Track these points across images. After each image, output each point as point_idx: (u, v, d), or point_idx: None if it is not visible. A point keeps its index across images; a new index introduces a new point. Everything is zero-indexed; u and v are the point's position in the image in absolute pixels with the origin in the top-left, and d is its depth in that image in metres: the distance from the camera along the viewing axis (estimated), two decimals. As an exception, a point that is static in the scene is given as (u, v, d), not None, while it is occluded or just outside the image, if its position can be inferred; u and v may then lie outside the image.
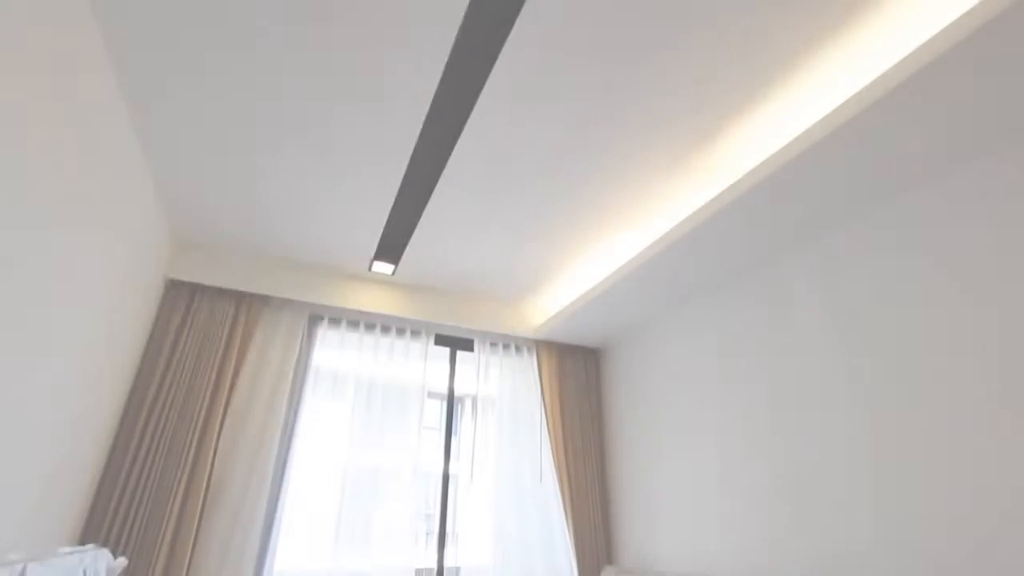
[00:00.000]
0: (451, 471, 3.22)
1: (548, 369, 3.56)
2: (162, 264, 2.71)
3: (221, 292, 2.87)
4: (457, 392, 3.46)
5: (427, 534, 3.21)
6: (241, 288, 2.88)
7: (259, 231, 2.75)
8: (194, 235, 2.80)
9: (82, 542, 2.24)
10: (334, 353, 3.11)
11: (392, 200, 2.46)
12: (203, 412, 2.57)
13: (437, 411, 3.78)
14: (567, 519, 3.15)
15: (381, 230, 2.70)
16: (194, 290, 2.83)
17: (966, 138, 1.75)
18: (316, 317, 3.16)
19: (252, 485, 2.63)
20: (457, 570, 3.05)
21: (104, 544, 2.22)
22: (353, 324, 3.22)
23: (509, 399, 3.47)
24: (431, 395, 3.32)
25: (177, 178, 2.34)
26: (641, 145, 2.10)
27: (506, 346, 3.59)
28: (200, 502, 2.45)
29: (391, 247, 2.86)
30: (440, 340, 3.44)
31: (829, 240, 2.29)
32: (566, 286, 3.33)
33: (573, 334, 3.55)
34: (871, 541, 1.89)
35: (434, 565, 3.00)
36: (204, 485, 2.48)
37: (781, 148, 1.93)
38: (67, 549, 1.58)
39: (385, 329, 3.28)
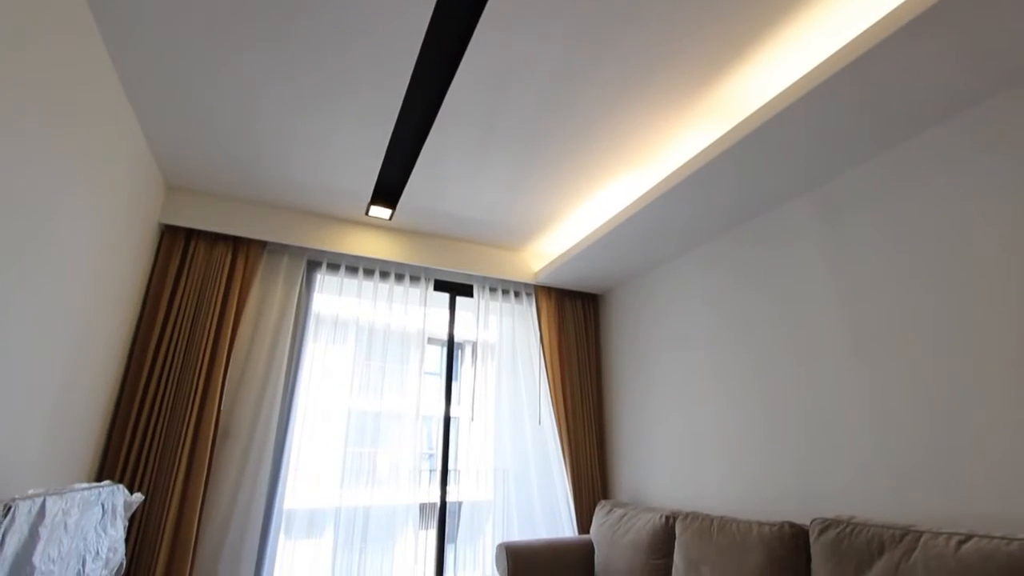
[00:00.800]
0: (452, 414, 3.31)
1: (547, 314, 3.59)
2: (156, 208, 2.66)
3: (217, 237, 2.84)
4: (457, 338, 3.50)
5: (430, 471, 3.34)
6: (237, 233, 2.84)
7: (252, 175, 2.68)
8: (187, 179, 2.73)
9: (98, 480, 2.32)
10: (334, 299, 3.12)
11: (387, 142, 2.38)
12: (207, 355, 2.61)
13: (437, 357, 3.84)
14: (564, 458, 3.28)
15: (377, 174, 2.64)
16: (190, 235, 2.80)
17: (978, 78, 1.68)
18: (314, 263, 3.15)
19: (259, 427, 2.71)
20: (459, 505, 3.19)
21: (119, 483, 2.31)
22: (352, 270, 3.21)
23: (508, 344, 3.52)
24: (431, 341, 3.36)
25: (164, 120, 2.25)
26: (643, 85, 2.02)
27: (505, 291, 3.60)
28: (210, 443, 2.52)
29: (388, 191, 2.80)
30: (439, 286, 3.45)
31: (834, 184, 2.25)
32: (565, 232, 3.30)
33: (572, 280, 3.56)
34: (862, 485, 1.97)
35: (437, 500, 3.14)
36: (212, 427, 2.54)
37: (787, 88, 1.86)
38: (83, 485, 1.63)
39: (384, 274, 3.27)
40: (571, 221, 3.16)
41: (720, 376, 2.67)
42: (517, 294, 3.64)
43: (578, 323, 3.69)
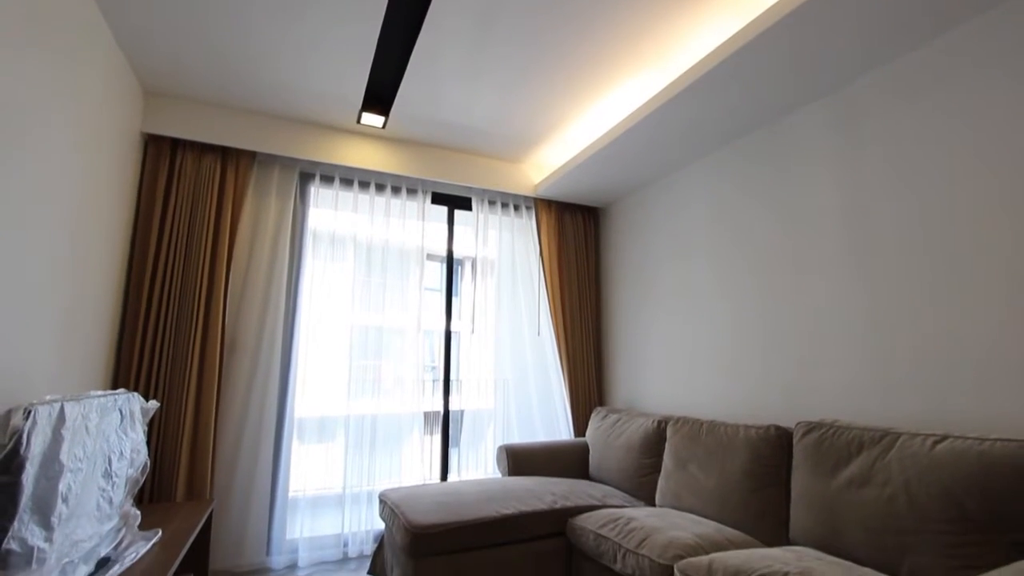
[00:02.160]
0: (452, 329, 3.37)
1: (547, 228, 3.55)
2: (135, 116, 2.52)
3: (205, 148, 2.73)
4: (456, 254, 3.48)
5: (433, 381, 3.48)
6: (225, 143, 2.73)
7: (236, 79, 2.51)
8: (165, 84, 2.56)
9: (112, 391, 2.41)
10: (329, 213, 3.06)
11: (375, 40, 2.20)
12: (206, 269, 2.61)
13: (437, 273, 3.85)
14: (562, 368, 3.39)
15: (367, 77, 2.47)
16: (176, 146, 2.68)
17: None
18: (307, 175, 3.05)
19: (264, 341, 2.77)
20: (461, 413, 3.35)
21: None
22: (346, 182, 3.12)
23: (508, 258, 3.52)
24: (430, 257, 3.34)
25: (132, 16, 2.06)
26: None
27: (504, 204, 3.53)
28: (218, 355, 2.59)
29: (379, 97, 2.65)
30: (437, 199, 3.37)
31: (847, 92, 2.12)
32: (566, 142, 3.17)
33: (573, 192, 3.48)
34: (851, 393, 2.05)
35: (440, 409, 3.29)
36: (219, 340, 2.60)
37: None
38: (99, 392, 1.69)
39: (380, 187, 3.19)
40: (572, 131, 3.02)
41: (717, 287, 2.70)
42: (517, 207, 3.58)
43: (578, 236, 3.66)
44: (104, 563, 1.51)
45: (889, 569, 1.54)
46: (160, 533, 1.82)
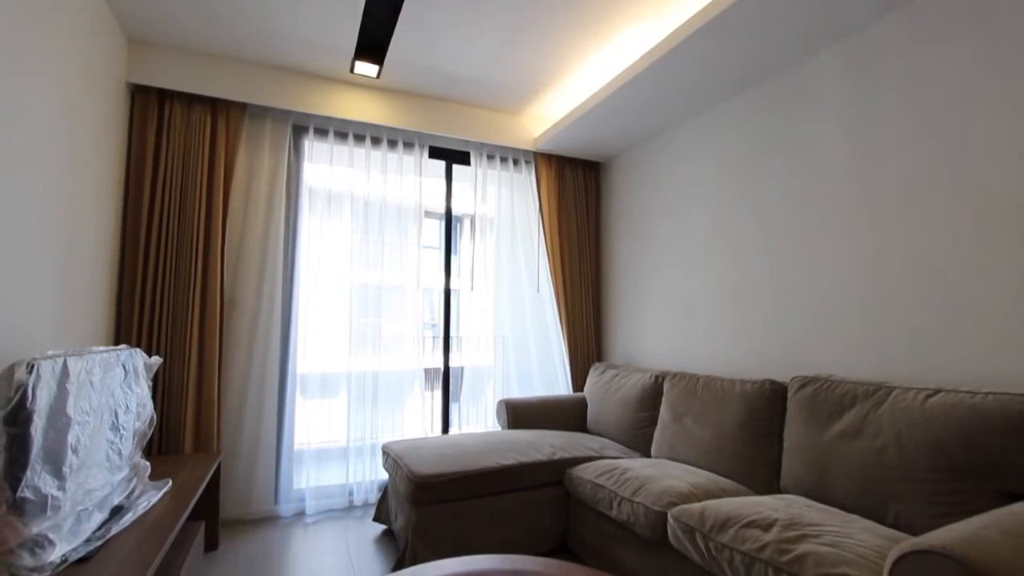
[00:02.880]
0: (452, 287, 3.37)
1: (547, 183, 3.49)
2: (120, 66, 2.42)
3: (193, 99, 2.64)
4: (455, 211, 3.44)
5: (433, 338, 3.51)
6: (214, 94, 2.63)
7: (223, 27, 2.40)
8: (150, 32, 2.45)
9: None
10: (325, 168, 2.99)
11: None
12: (201, 225, 2.58)
13: (436, 231, 3.81)
14: (561, 324, 3.42)
15: (359, 22, 2.36)
16: (163, 97, 2.60)
17: None
18: (300, 128, 2.97)
19: (264, 299, 2.77)
20: (461, 370, 3.40)
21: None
22: (341, 135, 3.03)
23: (507, 215, 3.47)
24: (429, 214, 3.30)
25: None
26: None
27: (504, 159, 3.46)
28: (218, 313, 2.59)
29: (372, 45, 2.53)
30: (434, 153, 3.29)
31: (860, 37, 2.03)
32: (567, 94, 3.07)
33: (574, 146, 3.39)
34: (851, 350, 2.07)
35: (441, 366, 3.33)
36: (218, 297, 2.60)
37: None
38: (101, 348, 1.70)
39: (376, 140, 3.11)
40: (574, 81, 2.92)
41: (717, 243, 2.68)
42: (516, 162, 3.50)
43: (578, 192, 3.61)
44: (117, 511, 1.56)
45: (875, 516, 1.59)
46: (170, 483, 1.88)
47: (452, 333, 3.36)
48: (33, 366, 1.20)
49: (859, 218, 2.03)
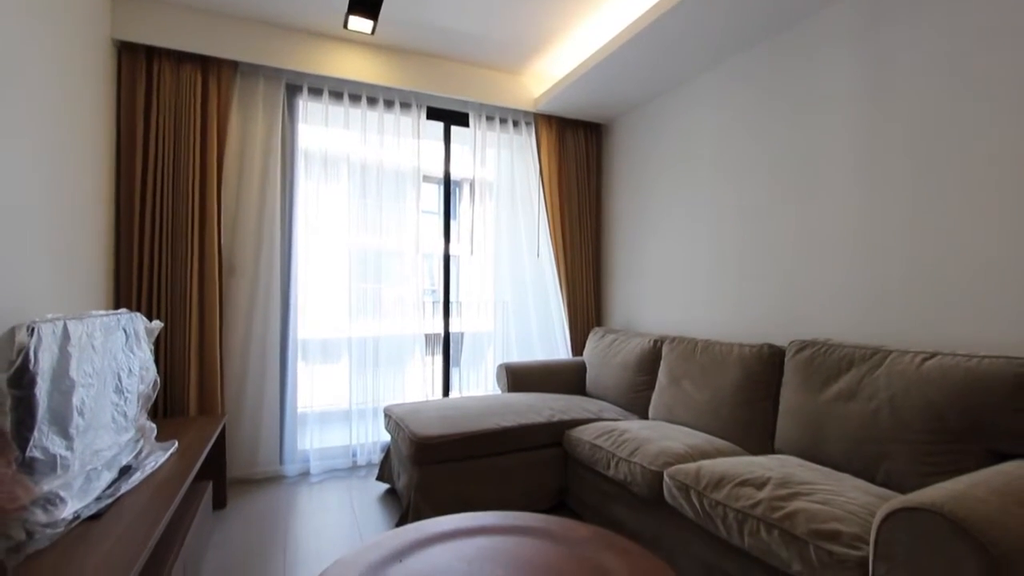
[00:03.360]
0: (451, 252, 3.35)
1: (547, 145, 3.42)
2: (103, 20, 2.33)
3: (182, 57, 2.55)
4: (454, 176, 3.38)
5: (433, 303, 3.52)
6: (203, 51, 2.55)
7: (206, -24, 2.29)
8: (129, -18, 2.34)
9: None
10: (320, 130, 2.93)
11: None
12: (196, 189, 2.54)
13: (435, 196, 3.76)
14: (561, 289, 3.42)
15: (353, -26, 2.26)
16: (151, 55, 2.51)
17: None
18: (294, 87, 2.88)
19: (262, 264, 2.76)
20: (461, 335, 3.42)
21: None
22: (336, 95, 2.95)
23: (507, 179, 3.42)
24: (427, 179, 3.24)
25: None
26: None
27: (503, 120, 3.38)
28: (216, 278, 2.58)
29: (367, -1, 2.43)
30: (432, 114, 3.22)
31: (885, -19, 1.94)
32: (568, 51, 2.97)
33: (575, 107, 3.31)
34: (849, 314, 2.07)
35: (441, 331, 3.35)
36: (216, 263, 2.58)
37: None
38: (101, 312, 1.70)
39: (371, 101, 3.03)
40: (575, 38, 2.82)
41: (718, 206, 2.65)
42: (516, 123, 3.42)
43: (579, 154, 3.54)
44: (126, 470, 1.60)
45: (866, 475, 1.63)
46: (176, 444, 1.91)
47: (452, 298, 3.37)
48: (33, 329, 1.20)
49: (862, 181, 2.00)
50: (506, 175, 3.42)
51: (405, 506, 2.20)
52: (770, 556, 1.34)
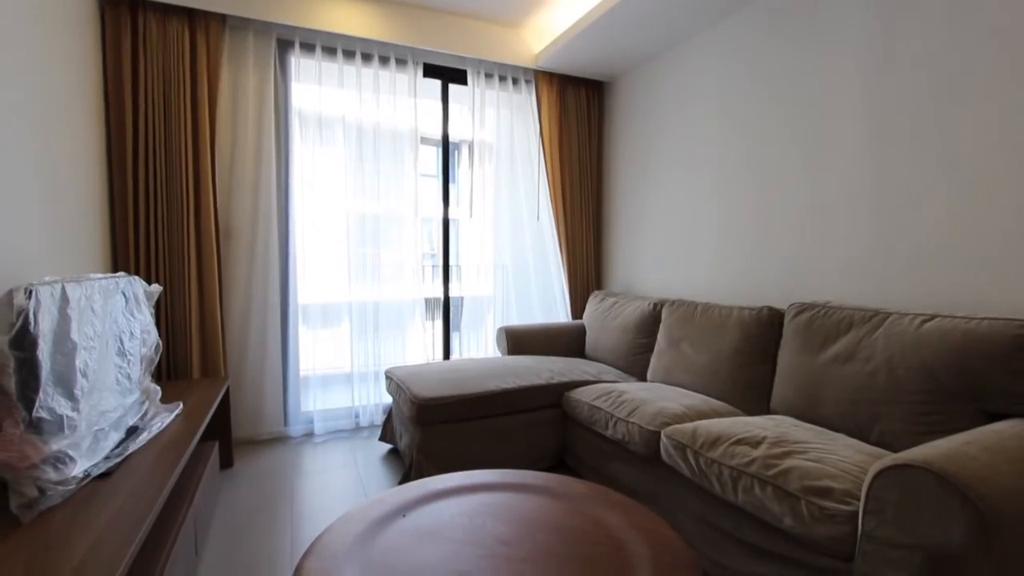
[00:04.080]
0: (450, 216, 3.32)
1: (548, 104, 3.33)
2: (82, -29, 2.22)
3: (168, 10, 2.46)
4: (452, 138, 3.31)
5: (433, 267, 3.51)
6: (189, 4, 2.44)
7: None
8: (107, -72, 2.22)
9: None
10: (314, 88, 2.84)
11: None
12: (189, 152, 2.49)
13: (433, 159, 3.69)
14: (561, 252, 3.40)
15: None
16: (135, 8, 2.41)
17: None
18: (285, 42, 2.78)
19: (260, 228, 2.73)
20: (461, 299, 3.42)
21: (135, 275, 2.41)
22: (329, 51, 2.85)
23: (507, 141, 3.35)
24: (425, 141, 3.17)
25: None
26: None
27: (502, 78, 3.28)
28: (214, 242, 2.56)
29: (359, -54, 2.31)
30: (429, 71, 3.11)
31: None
32: (570, 2, 2.85)
33: (577, 63, 3.20)
34: (851, 277, 2.06)
35: (440, 295, 3.35)
36: (213, 226, 2.55)
37: None
38: (99, 275, 1.69)
39: (366, 57, 2.93)
40: (579, -9, 2.70)
41: (721, 168, 2.60)
42: (516, 81, 3.32)
43: (580, 114, 3.46)
44: (133, 431, 1.63)
45: (860, 435, 1.66)
46: (181, 405, 1.94)
47: (451, 262, 3.36)
48: (31, 291, 1.20)
49: (870, 143, 1.95)
50: (505, 136, 3.35)
51: (408, 465, 2.26)
52: (762, 511, 1.38)
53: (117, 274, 1.79)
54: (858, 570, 1.14)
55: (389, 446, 2.76)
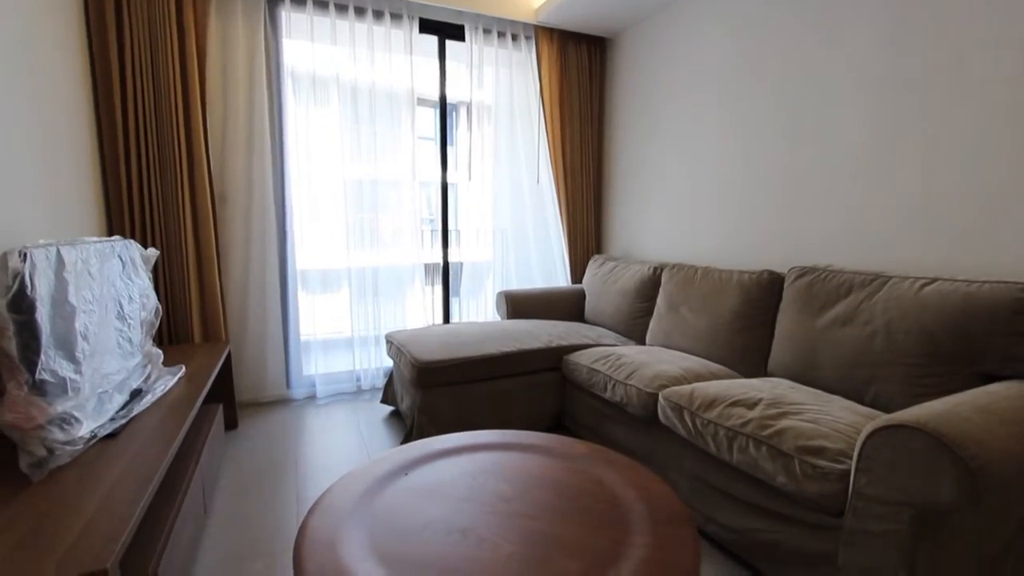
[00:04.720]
0: (449, 180, 3.26)
1: (548, 62, 3.23)
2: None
3: (149, -39, 2.33)
4: (450, 99, 3.21)
5: (432, 232, 3.48)
6: (171, -46, 2.32)
7: None
8: None
9: (109, 238, 2.39)
10: (306, 45, 2.74)
11: None
12: (180, 113, 2.42)
13: (430, 121, 3.60)
14: (561, 216, 3.37)
15: None
16: (113, -42, 2.29)
17: None
18: (275, -4, 2.67)
19: (255, 193, 2.68)
20: (460, 265, 3.41)
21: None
22: (321, 5, 2.74)
23: (506, 101, 3.26)
24: (422, 102, 3.09)
25: None
26: None
27: (501, 34, 3.16)
28: (209, 206, 2.52)
29: None
30: (425, 27, 3.00)
31: None
32: (574, -46, 2.71)
33: (578, 18, 3.08)
34: (854, 240, 2.04)
35: (440, 260, 3.34)
36: (208, 191, 2.51)
37: None
38: (94, 239, 1.67)
39: (359, 11, 2.81)
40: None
41: (724, 130, 2.54)
42: (515, 38, 3.21)
43: (582, 72, 3.35)
44: (137, 393, 1.65)
45: (856, 397, 1.69)
46: (184, 369, 1.96)
47: (451, 227, 3.32)
48: (26, 254, 1.19)
49: (871, 105, 1.90)
50: (505, 96, 3.26)
51: (409, 426, 2.30)
52: (756, 470, 1.41)
53: (113, 238, 1.77)
54: (848, 525, 1.17)
55: (391, 408, 2.81)
